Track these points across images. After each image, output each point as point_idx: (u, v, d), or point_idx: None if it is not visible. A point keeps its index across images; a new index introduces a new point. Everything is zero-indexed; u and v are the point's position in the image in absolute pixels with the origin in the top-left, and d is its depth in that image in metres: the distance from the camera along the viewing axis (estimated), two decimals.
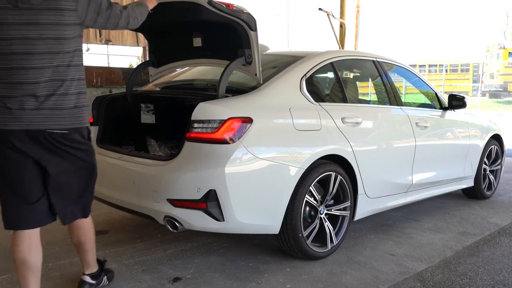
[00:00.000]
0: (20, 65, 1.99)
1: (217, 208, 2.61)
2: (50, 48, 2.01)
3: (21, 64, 1.99)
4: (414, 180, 3.83)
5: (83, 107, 2.16)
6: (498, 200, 4.91)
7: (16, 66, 1.99)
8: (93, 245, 2.45)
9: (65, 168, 2.14)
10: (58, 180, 2.14)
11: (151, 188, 2.73)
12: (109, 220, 3.78)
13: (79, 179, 2.23)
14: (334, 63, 3.44)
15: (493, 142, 4.88)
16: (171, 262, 2.97)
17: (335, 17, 9.66)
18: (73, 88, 2.09)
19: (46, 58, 2.01)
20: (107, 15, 2.16)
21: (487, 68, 26.87)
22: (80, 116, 2.14)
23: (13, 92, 2.01)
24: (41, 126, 2.03)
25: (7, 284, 2.61)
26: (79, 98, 2.13)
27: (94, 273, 2.49)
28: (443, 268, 3.02)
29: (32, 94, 2.01)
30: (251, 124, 2.67)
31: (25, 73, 2.00)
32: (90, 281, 2.46)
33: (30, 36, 1.97)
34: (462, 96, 4.37)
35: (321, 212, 3.05)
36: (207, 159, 2.61)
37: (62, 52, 2.03)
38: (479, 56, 31.58)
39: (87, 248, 2.42)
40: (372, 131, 3.47)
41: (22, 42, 1.97)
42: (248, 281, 2.73)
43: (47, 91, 2.03)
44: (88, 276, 2.46)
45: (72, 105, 2.09)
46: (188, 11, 2.70)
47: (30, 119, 2.02)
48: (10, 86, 2.01)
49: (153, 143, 3.28)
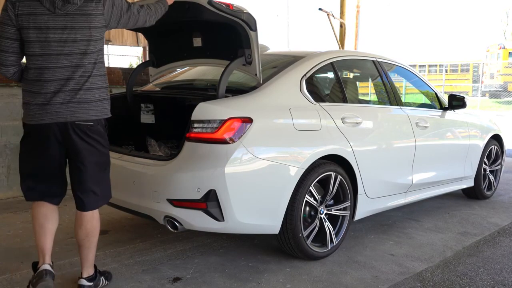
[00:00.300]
0: (55, 65, 2.22)
1: (217, 208, 2.61)
2: (81, 49, 2.24)
3: (56, 64, 2.22)
4: (414, 180, 3.83)
5: (104, 100, 2.36)
6: (498, 200, 4.91)
7: (51, 65, 2.21)
8: (94, 244, 2.46)
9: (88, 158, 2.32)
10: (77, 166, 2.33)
11: (151, 188, 2.73)
12: (109, 220, 3.78)
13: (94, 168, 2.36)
14: (334, 63, 3.44)
15: (493, 142, 4.88)
16: (171, 262, 2.97)
17: (335, 17, 9.66)
18: (97, 83, 2.30)
19: (77, 58, 2.23)
20: (127, 16, 2.39)
21: (487, 68, 26.85)
22: (103, 109, 2.35)
23: (44, 88, 2.22)
24: (71, 118, 2.25)
25: (7, 284, 2.61)
26: (102, 91, 2.34)
27: (91, 276, 2.48)
28: (443, 268, 3.02)
29: (62, 90, 2.22)
30: (251, 124, 2.67)
31: (58, 71, 2.22)
32: (87, 283, 2.46)
33: (66, 39, 2.21)
34: (462, 96, 4.37)
35: (321, 212, 3.05)
36: (207, 159, 2.61)
37: (90, 52, 2.26)
38: (479, 56, 31.60)
39: (89, 245, 2.43)
40: (372, 131, 3.47)
41: (59, 45, 2.21)
42: (248, 281, 2.73)
43: (75, 86, 2.24)
44: (85, 280, 2.45)
45: (96, 99, 2.30)
46: (188, 11, 2.70)
47: (60, 112, 2.23)
48: (42, 84, 2.22)
49: (153, 143, 3.28)
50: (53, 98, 2.22)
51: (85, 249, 2.44)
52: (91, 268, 2.49)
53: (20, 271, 2.75)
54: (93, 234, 2.43)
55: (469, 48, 60.16)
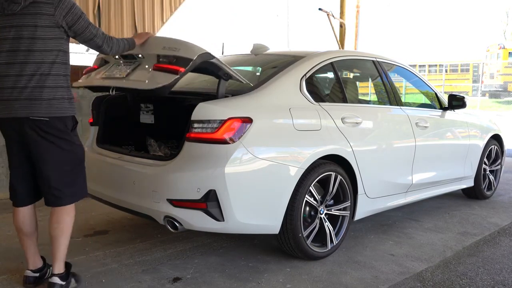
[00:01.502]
0: (6, 61, 2.32)
1: (217, 208, 2.61)
2: (27, 46, 2.30)
3: (7, 60, 2.31)
4: (414, 180, 3.83)
5: (63, 99, 2.38)
6: (498, 200, 4.91)
7: (3, 61, 2.32)
8: (64, 241, 2.46)
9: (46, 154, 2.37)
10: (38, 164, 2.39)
11: (151, 188, 2.73)
12: (109, 220, 3.78)
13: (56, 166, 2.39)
14: (334, 63, 3.44)
15: (493, 142, 4.88)
16: (171, 262, 2.97)
17: (335, 17, 9.65)
18: (51, 82, 2.34)
19: (23, 55, 2.30)
20: (83, 26, 2.42)
21: (487, 68, 26.84)
22: (61, 107, 2.37)
23: (2, 84, 2.32)
24: (25, 114, 2.31)
25: (7, 284, 2.61)
26: (59, 91, 2.37)
27: (62, 274, 2.48)
28: (443, 268, 3.02)
29: (16, 86, 2.30)
30: (251, 124, 2.67)
31: (10, 68, 2.31)
32: (59, 282, 2.45)
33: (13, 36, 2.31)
34: (462, 96, 4.37)
35: (321, 212, 3.05)
36: (207, 159, 2.61)
37: (38, 50, 2.31)
38: (479, 56, 31.54)
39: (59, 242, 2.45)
40: (372, 131, 3.47)
41: (7, 42, 2.32)
42: (248, 281, 2.73)
43: (28, 83, 2.30)
44: (57, 277, 2.46)
45: (51, 97, 2.34)
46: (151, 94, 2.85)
47: (15, 108, 2.30)
48: (1, 79, 2.32)
49: (153, 143, 3.28)
50: (10, 93, 2.31)
51: (54, 244, 2.45)
52: (61, 265, 2.49)
53: (20, 271, 2.75)
54: (62, 230, 2.45)
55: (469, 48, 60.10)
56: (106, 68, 3.01)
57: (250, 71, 3.91)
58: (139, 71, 2.74)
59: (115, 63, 2.97)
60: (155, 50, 2.71)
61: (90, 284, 2.62)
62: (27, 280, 2.53)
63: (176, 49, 2.61)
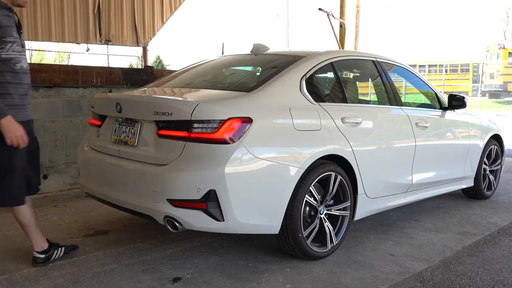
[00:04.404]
0: None
1: (217, 208, 2.61)
2: None
3: None
4: (414, 180, 3.83)
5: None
6: (498, 200, 4.91)
7: None
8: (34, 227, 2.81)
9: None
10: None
11: (151, 188, 2.73)
12: (109, 220, 3.78)
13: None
14: (334, 63, 3.44)
15: (493, 142, 4.88)
16: (171, 262, 2.97)
17: (335, 17, 9.65)
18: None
19: None
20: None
21: (487, 68, 26.84)
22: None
23: None
24: None
25: (7, 284, 2.61)
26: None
27: (45, 249, 2.85)
28: (443, 268, 3.02)
29: None
30: (251, 124, 2.67)
31: None
32: (40, 256, 2.83)
33: None
34: (462, 96, 4.37)
35: (321, 212, 3.05)
36: (207, 159, 2.61)
37: None
38: (479, 56, 31.55)
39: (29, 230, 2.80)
40: (372, 131, 3.47)
41: None
42: (248, 281, 2.73)
43: None
44: (37, 253, 2.83)
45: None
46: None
47: None
48: None
49: None
50: None
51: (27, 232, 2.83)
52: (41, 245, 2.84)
53: (20, 271, 2.76)
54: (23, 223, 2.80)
55: (469, 48, 60.16)
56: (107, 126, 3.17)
57: (250, 71, 3.90)
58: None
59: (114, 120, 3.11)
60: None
61: (90, 284, 2.62)
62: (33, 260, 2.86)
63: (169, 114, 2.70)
